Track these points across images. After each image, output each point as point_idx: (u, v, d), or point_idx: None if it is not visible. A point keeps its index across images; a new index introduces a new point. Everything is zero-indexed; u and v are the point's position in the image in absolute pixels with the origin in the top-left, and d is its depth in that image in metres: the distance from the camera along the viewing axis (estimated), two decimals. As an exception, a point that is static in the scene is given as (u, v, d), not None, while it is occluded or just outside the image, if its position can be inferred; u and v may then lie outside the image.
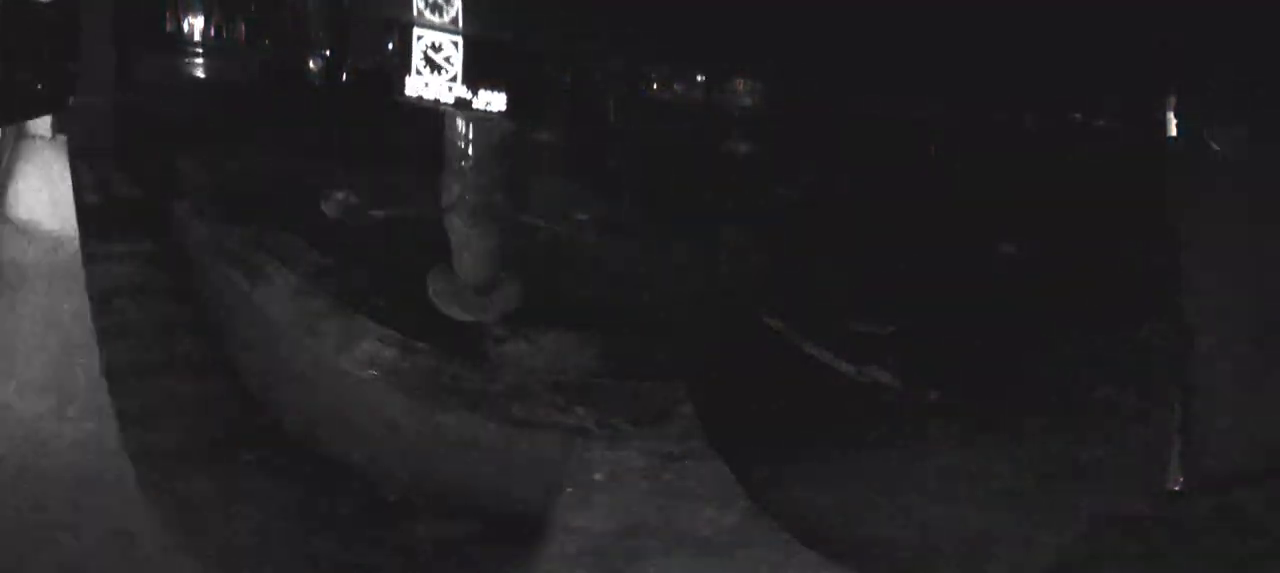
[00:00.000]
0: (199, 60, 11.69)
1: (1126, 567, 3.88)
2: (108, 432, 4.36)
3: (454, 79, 5.05)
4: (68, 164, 7.32)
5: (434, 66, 5.05)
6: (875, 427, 5.94)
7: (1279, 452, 4.18)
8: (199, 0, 11.76)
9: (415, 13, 5.10)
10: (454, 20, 5.00)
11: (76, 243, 5.90)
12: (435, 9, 5.01)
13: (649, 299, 7.32)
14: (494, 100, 4.97)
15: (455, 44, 5.01)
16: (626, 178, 5.33)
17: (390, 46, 5.71)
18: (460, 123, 5.30)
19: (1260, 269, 4.40)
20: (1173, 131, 4.86)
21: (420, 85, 5.13)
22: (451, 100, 5.09)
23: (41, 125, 7.84)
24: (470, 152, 5.32)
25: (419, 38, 5.11)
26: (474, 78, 4.99)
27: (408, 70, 5.16)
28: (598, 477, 4.68)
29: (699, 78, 9.95)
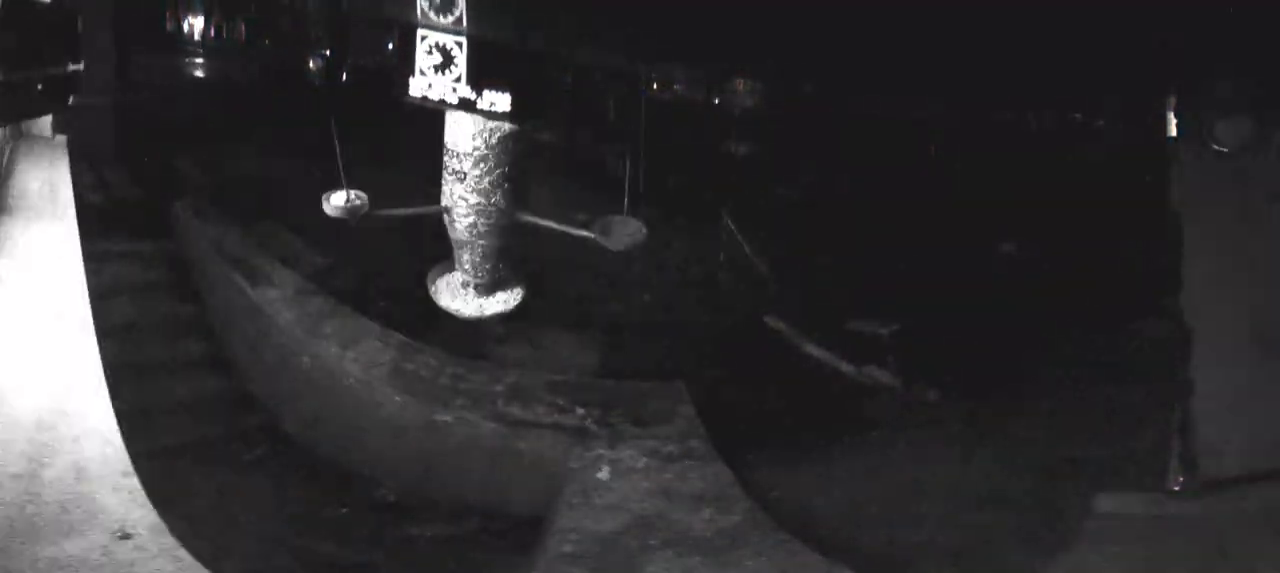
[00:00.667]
0: (199, 60, 11.73)
1: (1126, 567, 3.88)
2: (108, 430, 4.36)
3: (458, 80, 5.03)
4: (68, 164, 7.32)
5: (437, 67, 5.03)
6: (875, 427, 5.95)
7: (1279, 452, 4.18)
8: (199, 0, 11.82)
9: (418, 14, 5.07)
10: (458, 21, 4.98)
11: (77, 242, 5.89)
12: (438, 9, 4.99)
13: (649, 299, 7.34)
14: (497, 101, 4.94)
15: (459, 44, 4.99)
16: (626, 178, 5.33)
17: (390, 46, 5.69)
18: (461, 123, 5.29)
19: (1260, 269, 4.39)
20: (1173, 131, 4.86)
21: (423, 86, 5.10)
22: (455, 101, 5.06)
23: (41, 125, 7.86)
24: (471, 151, 5.31)
25: (423, 38, 5.08)
26: (477, 78, 4.97)
27: (409, 71, 5.13)
28: (598, 477, 4.69)
29: (699, 78, 9.98)
